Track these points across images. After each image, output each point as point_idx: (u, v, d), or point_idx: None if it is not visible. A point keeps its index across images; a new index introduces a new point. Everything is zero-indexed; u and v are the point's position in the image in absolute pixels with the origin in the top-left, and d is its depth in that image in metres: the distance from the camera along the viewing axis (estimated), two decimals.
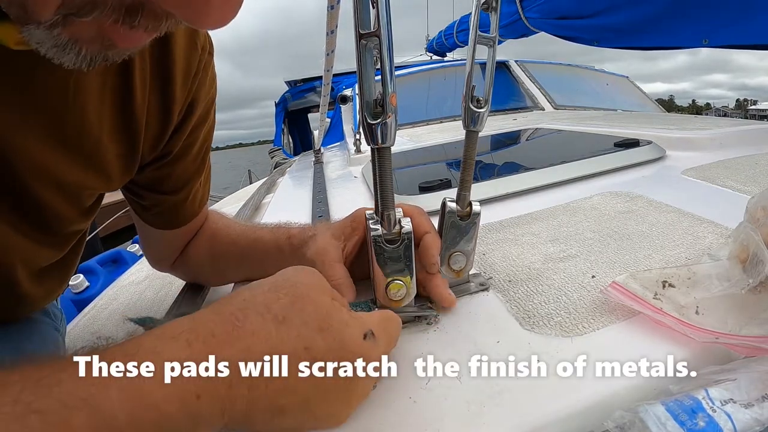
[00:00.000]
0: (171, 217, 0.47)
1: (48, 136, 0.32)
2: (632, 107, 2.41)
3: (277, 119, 4.84)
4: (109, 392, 0.18)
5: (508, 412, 0.26)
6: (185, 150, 0.43)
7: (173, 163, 0.43)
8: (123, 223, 4.34)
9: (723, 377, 0.25)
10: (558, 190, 0.68)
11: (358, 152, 1.41)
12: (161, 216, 0.47)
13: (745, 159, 0.69)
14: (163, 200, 0.45)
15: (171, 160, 0.42)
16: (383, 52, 0.28)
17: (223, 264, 0.50)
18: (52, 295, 0.46)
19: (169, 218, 0.47)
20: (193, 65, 0.39)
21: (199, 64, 0.39)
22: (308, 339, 0.23)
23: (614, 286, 0.34)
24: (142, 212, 0.47)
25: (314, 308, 0.25)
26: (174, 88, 0.38)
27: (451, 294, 0.37)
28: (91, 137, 0.34)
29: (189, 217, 0.48)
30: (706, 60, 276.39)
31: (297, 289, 0.26)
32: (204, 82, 0.41)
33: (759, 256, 0.30)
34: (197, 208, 0.49)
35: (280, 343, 0.23)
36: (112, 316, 0.65)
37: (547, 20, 1.45)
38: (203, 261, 0.51)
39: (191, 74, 0.39)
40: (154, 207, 0.46)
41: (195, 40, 0.38)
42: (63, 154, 0.33)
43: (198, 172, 0.47)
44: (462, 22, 2.97)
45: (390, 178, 0.32)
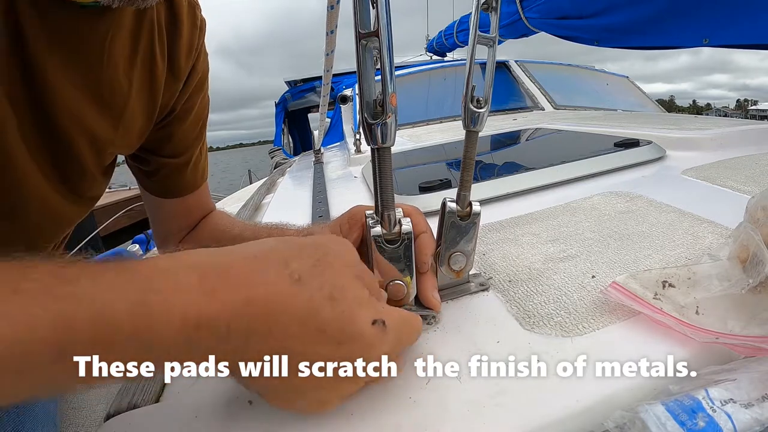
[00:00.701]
0: (174, 183, 0.52)
1: (85, 90, 0.35)
2: (632, 107, 2.41)
3: (277, 119, 4.84)
4: (116, 295, 0.19)
5: (508, 412, 0.26)
6: (185, 113, 0.49)
7: (175, 123, 0.48)
8: (123, 223, 4.35)
9: (723, 377, 0.25)
10: (558, 190, 0.68)
11: (358, 152, 1.41)
12: (165, 182, 0.51)
13: (745, 159, 0.69)
14: (166, 163, 0.50)
15: (173, 119, 0.48)
16: (383, 52, 0.28)
17: None
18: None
19: (172, 184, 0.52)
20: (194, 41, 0.46)
21: (198, 40, 0.47)
22: (318, 304, 0.23)
23: (614, 286, 0.34)
24: (148, 181, 0.51)
25: (333, 276, 0.24)
26: (180, 58, 0.45)
27: (435, 297, 0.36)
28: (122, 97, 0.39)
29: (190, 186, 0.53)
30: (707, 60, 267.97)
31: (323, 255, 0.25)
32: (200, 55, 0.48)
33: (759, 256, 0.30)
34: (198, 180, 0.54)
35: (288, 301, 0.22)
36: None
37: (547, 20, 1.45)
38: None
39: (193, 48, 0.46)
40: (159, 171, 0.50)
41: (195, 21, 0.46)
42: (97, 110, 0.37)
43: (197, 140, 0.52)
44: (462, 22, 2.97)
45: (390, 178, 0.32)
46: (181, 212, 0.54)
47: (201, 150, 0.54)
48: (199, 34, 0.47)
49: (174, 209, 0.53)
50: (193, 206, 0.55)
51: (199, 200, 0.55)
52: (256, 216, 0.96)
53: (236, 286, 0.22)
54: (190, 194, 0.53)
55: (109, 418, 0.32)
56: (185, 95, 0.48)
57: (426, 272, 0.37)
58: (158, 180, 0.51)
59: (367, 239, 0.34)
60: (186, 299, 0.20)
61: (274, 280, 0.23)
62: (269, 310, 0.22)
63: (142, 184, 0.53)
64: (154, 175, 0.51)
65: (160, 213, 0.54)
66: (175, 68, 0.44)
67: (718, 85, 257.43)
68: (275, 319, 0.22)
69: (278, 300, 0.22)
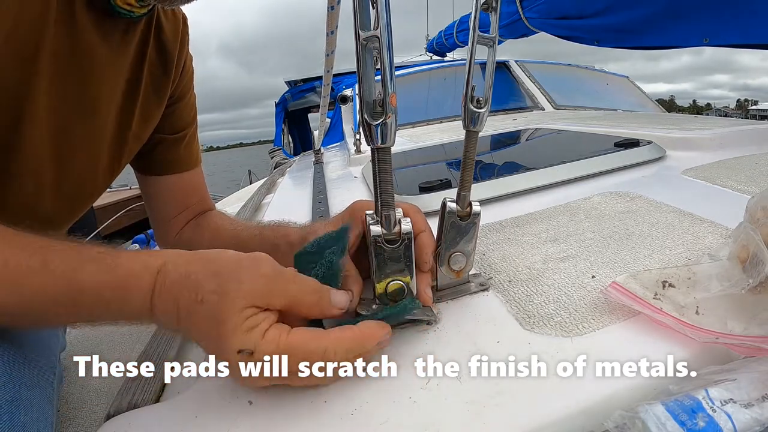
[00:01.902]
0: (170, 158, 0.57)
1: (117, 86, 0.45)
2: (632, 107, 2.41)
3: (277, 119, 4.84)
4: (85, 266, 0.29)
5: (508, 412, 0.26)
6: (182, 96, 0.57)
7: (176, 102, 0.56)
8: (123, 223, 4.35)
9: (723, 377, 0.25)
10: (558, 190, 0.68)
11: (358, 152, 1.41)
12: (161, 158, 0.56)
13: (745, 159, 0.69)
14: (163, 139, 0.56)
15: (174, 100, 0.56)
16: (383, 52, 0.28)
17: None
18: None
19: (168, 158, 0.57)
20: (177, 32, 0.53)
21: (183, 35, 0.54)
22: (204, 327, 0.29)
23: (614, 286, 0.34)
24: (145, 161, 0.56)
25: (218, 305, 0.28)
26: (174, 50, 0.52)
27: (428, 294, 0.36)
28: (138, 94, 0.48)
29: (185, 163, 0.58)
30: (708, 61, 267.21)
31: (224, 282, 0.29)
32: (185, 45, 0.55)
33: (759, 256, 0.30)
34: (192, 159, 0.59)
35: (192, 317, 0.29)
36: None
37: (547, 20, 1.44)
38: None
39: (178, 36, 0.53)
40: (155, 148, 0.56)
41: (176, 13, 0.52)
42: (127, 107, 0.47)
43: (192, 120, 0.60)
44: (462, 22, 2.96)
45: (390, 179, 0.32)
46: (176, 193, 0.57)
47: (194, 132, 0.60)
48: (183, 27, 0.54)
49: (169, 188, 0.57)
50: (189, 188, 0.58)
51: (194, 183, 0.59)
52: (256, 216, 0.96)
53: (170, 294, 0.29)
54: (185, 173, 0.57)
55: (109, 418, 0.32)
56: (184, 79, 0.56)
57: (427, 272, 0.37)
58: (155, 156, 0.56)
59: (368, 239, 0.34)
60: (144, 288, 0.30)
61: (186, 298, 0.29)
62: (186, 314, 0.29)
63: (139, 167, 0.57)
64: (151, 152, 0.56)
65: (156, 195, 0.58)
66: (172, 60, 0.52)
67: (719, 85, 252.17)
68: (187, 326, 0.29)
69: (191, 310, 0.29)
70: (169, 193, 0.58)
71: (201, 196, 0.60)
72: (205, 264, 0.30)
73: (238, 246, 0.50)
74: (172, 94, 0.55)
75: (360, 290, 0.36)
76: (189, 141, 0.58)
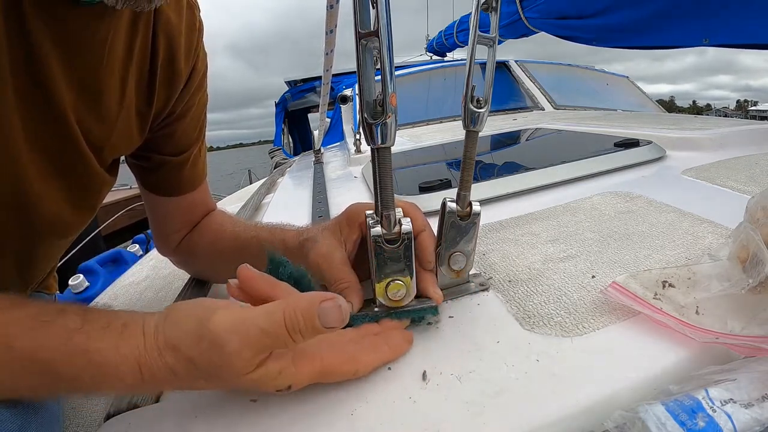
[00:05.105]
0: (174, 181, 0.52)
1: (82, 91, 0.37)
2: (632, 107, 2.41)
3: (277, 119, 4.84)
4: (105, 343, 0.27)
5: (508, 412, 0.26)
6: (185, 112, 0.50)
7: (176, 122, 0.49)
8: (124, 222, 4.35)
9: (723, 377, 0.25)
10: (558, 190, 0.68)
11: (358, 152, 1.41)
12: (165, 180, 0.52)
13: (745, 159, 0.69)
14: (166, 161, 0.51)
15: (175, 119, 0.49)
16: (383, 52, 0.28)
17: (225, 256, 0.51)
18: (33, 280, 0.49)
19: (172, 182, 0.52)
20: (193, 42, 0.47)
21: (197, 42, 0.48)
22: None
23: (614, 286, 0.34)
24: (148, 180, 0.52)
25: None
26: (180, 59, 0.45)
27: (437, 293, 0.36)
28: (116, 100, 0.40)
29: (190, 184, 0.53)
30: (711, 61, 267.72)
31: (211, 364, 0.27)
32: (200, 55, 0.49)
33: (759, 256, 0.30)
34: (197, 180, 0.54)
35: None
36: None
37: (547, 20, 1.45)
38: (206, 251, 0.53)
39: (192, 49, 0.47)
40: (159, 169, 0.51)
41: (194, 22, 0.47)
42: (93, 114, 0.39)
43: (197, 140, 0.53)
44: (462, 22, 2.96)
45: (390, 179, 0.32)
46: (180, 211, 0.54)
47: (200, 149, 0.54)
48: (198, 36, 0.48)
49: (174, 208, 0.54)
50: (193, 205, 0.55)
51: (198, 199, 0.55)
52: (256, 216, 0.96)
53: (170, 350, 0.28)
54: (189, 193, 0.54)
55: (109, 418, 0.32)
56: (186, 95, 0.49)
57: (430, 271, 0.37)
58: (158, 178, 0.52)
59: (368, 239, 0.34)
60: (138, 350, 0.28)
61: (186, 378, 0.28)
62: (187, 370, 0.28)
63: (143, 183, 0.53)
64: (155, 173, 0.51)
65: (159, 212, 0.54)
66: (175, 71, 0.45)
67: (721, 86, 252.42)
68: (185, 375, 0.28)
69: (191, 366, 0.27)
70: (175, 212, 0.54)
71: (205, 207, 0.57)
72: (184, 351, 0.28)
73: (237, 247, 0.50)
74: (173, 110, 0.48)
75: (360, 301, 0.36)
76: (194, 161, 0.53)
